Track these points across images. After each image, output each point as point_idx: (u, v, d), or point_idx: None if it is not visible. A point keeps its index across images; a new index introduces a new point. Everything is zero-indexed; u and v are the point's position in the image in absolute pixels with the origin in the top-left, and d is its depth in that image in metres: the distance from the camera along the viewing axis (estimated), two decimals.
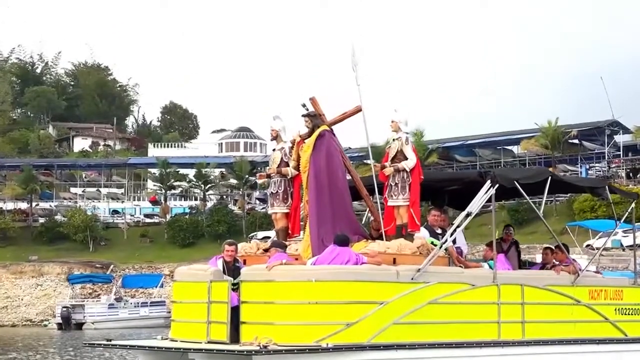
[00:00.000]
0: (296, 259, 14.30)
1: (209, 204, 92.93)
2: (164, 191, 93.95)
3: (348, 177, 15.30)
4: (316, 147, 14.87)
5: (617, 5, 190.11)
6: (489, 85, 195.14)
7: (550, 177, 15.66)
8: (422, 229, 15.25)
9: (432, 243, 14.60)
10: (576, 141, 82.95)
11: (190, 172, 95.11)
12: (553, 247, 16.96)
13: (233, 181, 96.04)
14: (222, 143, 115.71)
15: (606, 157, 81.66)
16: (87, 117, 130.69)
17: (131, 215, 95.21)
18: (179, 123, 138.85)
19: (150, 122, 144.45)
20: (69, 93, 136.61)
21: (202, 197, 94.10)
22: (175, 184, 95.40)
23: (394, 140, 15.15)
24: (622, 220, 18.67)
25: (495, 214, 15.94)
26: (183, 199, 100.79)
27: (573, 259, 16.60)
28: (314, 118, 15.15)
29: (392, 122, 15.06)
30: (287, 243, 15.06)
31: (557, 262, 16.31)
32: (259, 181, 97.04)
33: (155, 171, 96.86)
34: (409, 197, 14.78)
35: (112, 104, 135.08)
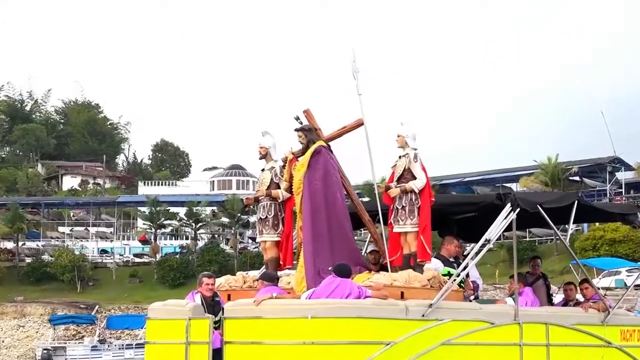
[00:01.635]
0: (289, 293, 12.59)
1: (200, 243, 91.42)
2: (154, 230, 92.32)
3: (347, 200, 13.54)
4: (311, 165, 13.17)
5: (619, 37, 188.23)
6: (486, 120, 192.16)
7: (576, 202, 13.91)
8: (434, 259, 13.59)
9: (448, 274, 13.00)
10: (577, 178, 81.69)
11: (181, 211, 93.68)
12: (575, 283, 15.48)
13: (225, 220, 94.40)
14: (213, 181, 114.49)
15: (608, 194, 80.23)
16: (77, 156, 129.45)
17: (120, 255, 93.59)
18: (170, 161, 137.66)
19: (141, 160, 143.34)
20: (59, 131, 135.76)
21: (193, 236, 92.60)
22: (166, 222, 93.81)
23: (400, 157, 13.41)
24: None
25: (515, 243, 14.17)
26: (173, 238, 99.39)
27: (604, 295, 14.86)
28: (309, 132, 13.44)
29: (398, 136, 13.38)
30: (278, 275, 13.28)
31: (584, 299, 14.62)
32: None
33: (145, 210, 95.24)
34: (418, 222, 13.06)
35: (102, 142, 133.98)
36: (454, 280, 12.56)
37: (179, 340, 12.06)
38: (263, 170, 14.24)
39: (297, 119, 13.59)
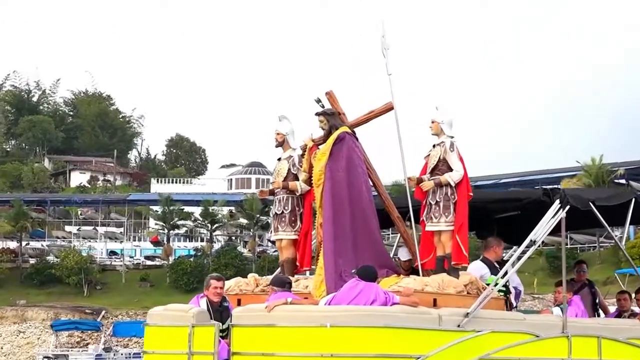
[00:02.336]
0: (306, 298, 11.93)
1: (216, 246, 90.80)
2: (166, 231, 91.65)
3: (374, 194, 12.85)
4: (333, 153, 12.45)
5: None
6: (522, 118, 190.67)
7: (634, 200, 13.11)
8: (479, 262, 12.96)
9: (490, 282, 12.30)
10: (623, 181, 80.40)
11: (196, 211, 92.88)
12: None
13: (243, 221, 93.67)
14: (231, 179, 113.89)
15: None
16: (86, 150, 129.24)
17: (130, 257, 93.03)
18: (186, 157, 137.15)
19: (155, 156, 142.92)
20: (68, 124, 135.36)
21: (208, 238, 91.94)
22: (180, 223, 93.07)
23: (434, 146, 12.65)
24: None
25: (564, 245, 13.36)
26: (188, 239, 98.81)
27: None
28: (331, 117, 12.72)
29: (433, 122, 12.65)
30: (293, 279, 12.57)
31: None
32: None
33: (157, 209, 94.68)
34: (453, 219, 12.35)
35: (113, 136, 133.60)
36: (495, 285, 11.78)
37: (180, 350, 11.48)
38: (279, 159, 13.59)
39: (319, 101, 12.88)
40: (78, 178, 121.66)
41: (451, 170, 12.38)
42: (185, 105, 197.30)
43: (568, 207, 12.30)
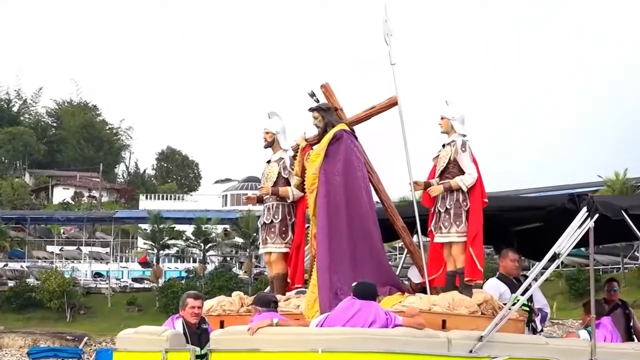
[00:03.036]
0: (297, 320, 11.14)
1: (210, 267, 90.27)
2: (156, 251, 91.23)
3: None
4: (329, 154, 11.76)
5: None
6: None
7: None
8: (494, 279, 12.32)
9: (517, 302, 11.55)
10: None
11: (188, 229, 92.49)
12: None
13: (238, 240, 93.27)
14: (226, 195, 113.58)
15: None
16: (70, 164, 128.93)
17: (117, 279, 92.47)
18: (177, 172, 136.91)
19: (144, 170, 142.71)
20: (50, 136, 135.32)
21: (201, 258, 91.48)
22: (170, 242, 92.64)
23: (444, 146, 11.91)
24: None
25: (592, 260, 12.48)
26: (179, 260, 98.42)
27: None
28: (327, 113, 12.02)
29: (442, 119, 11.95)
30: (282, 297, 11.82)
31: None
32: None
33: (146, 227, 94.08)
34: (466, 229, 11.62)
35: (100, 149, 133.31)
36: (513, 305, 11.04)
37: None
38: (269, 162, 12.87)
39: (312, 95, 12.16)
40: (61, 194, 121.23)
41: (463, 173, 11.65)
42: (177, 116, 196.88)
43: (597, 215, 11.56)
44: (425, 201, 12.04)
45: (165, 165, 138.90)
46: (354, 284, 10.52)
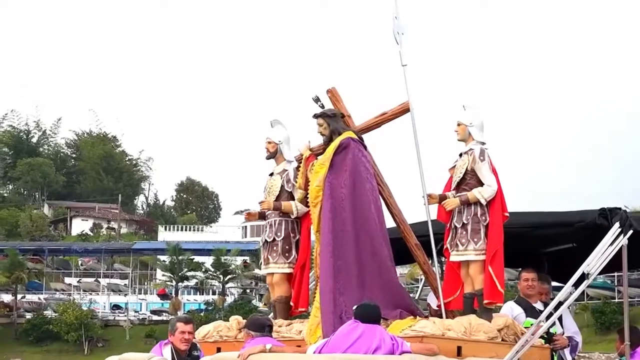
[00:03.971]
0: (298, 347, 10.12)
1: (229, 299, 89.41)
2: (175, 283, 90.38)
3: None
4: (334, 165, 10.78)
5: None
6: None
7: None
8: (511, 302, 11.27)
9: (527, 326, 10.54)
10: None
11: (207, 261, 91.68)
12: None
13: (258, 272, 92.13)
14: (246, 226, 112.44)
15: None
16: (89, 195, 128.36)
17: (135, 312, 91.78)
18: (197, 203, 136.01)
19: (164, 201, 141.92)
20: (69, 167, 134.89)
21: (220, 290, 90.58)
22: (189, 274, 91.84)
23: (461, 155, 10.89)
24: None
25: (625, 280, 11.36)
26: (198, 292, 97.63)
27: None
28: (333, 120, 11.05)
29: (459, 125, 10.94)
30: (282, 322, 10.82)
31: None
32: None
33: (165, 259, 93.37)
34: (485, 246, 10.57)
35: (119, 180, 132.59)
36: (536, 329, 9.99)
37: None
38: (272, 174, 11.88)
39: (317, 100, 11.20)
40: (80, 225, 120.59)
41: (481, 184, 10.62)
42: (197, 147, 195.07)
43: (631, 232, 10.50)
44: (440, 216, 11.04)
45: (184, 196, 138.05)
46: (354, 307, 9.49)
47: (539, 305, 11.15)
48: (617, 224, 10.45)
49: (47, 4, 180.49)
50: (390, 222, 11.26)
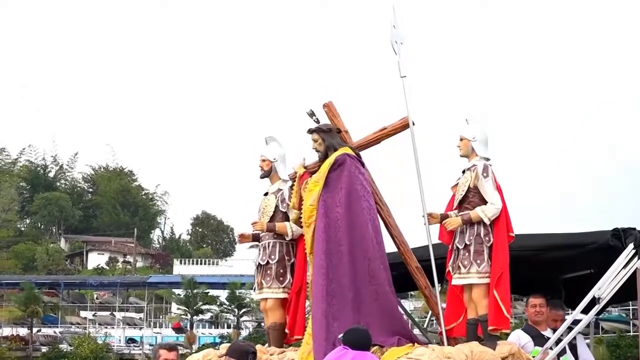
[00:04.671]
0: None
1: (244, 333, 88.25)
2: (190, 316, 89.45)
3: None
4: (329, 183, 10.03)
5: None
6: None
7: None
8: (518, 330, 10.49)
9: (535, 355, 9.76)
10: None
11: (222, 294, 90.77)
12: None
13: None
14: None
15: None
16: (106, 229, 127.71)
17: (150, 345, 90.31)
18: (212, 237, 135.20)
19: (179, 235, 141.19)
20: (86, 201, 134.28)
21: (235, 324, 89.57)
22: (204, 307, 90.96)
23: (464, 172, 10.13)
24: None
25: None
26: (213, 325, 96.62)
27: None
28: (328, 135, 10.32)
29: (461, 140, 10.19)
30: (275, 350, 10.05)
31: None
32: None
33: (180, 292, 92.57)
34: (489, 269, 9.77)
35: (135, 214, 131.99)
36: (543, 356, 9.18)
37: None
38: (266, 194, 11.14)
39: (312, 115, 10.48)
40: (96, 259, 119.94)
41: (485, 202, 9.85)
42: (212, 181, 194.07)
43: None
44: (442, 237, 10.29)
45: (200, 230, 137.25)
46: (340, 335, 8.65)
47: (548, 333, 10.32)
48: (631, 245, 9.67)
49: (61, 37, 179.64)
50: (390, 244, 10.51)
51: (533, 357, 9.79)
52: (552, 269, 11.45)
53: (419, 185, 10.07)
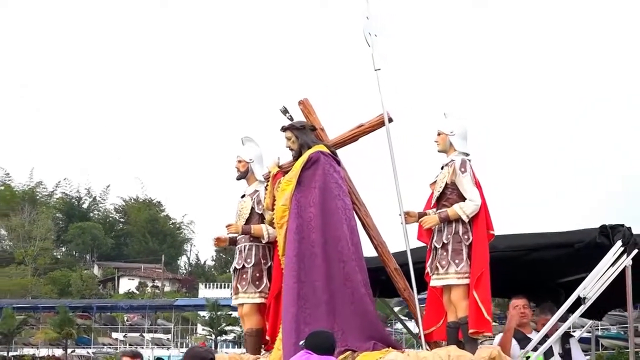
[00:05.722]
0: None
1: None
2: (214, 337, 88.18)
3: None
4: (302, 182, 8.93)
5: None
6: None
7: None
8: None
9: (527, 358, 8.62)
10: None
11: None
12: None
13: None
14: None
15: None
16: (136, 256, 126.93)
17: None
18: None
19: (205, 261, 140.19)
20: (117, 230, 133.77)
21: None
22: (227, 328, 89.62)
23: (442, 168, 8.97)
24: None
25: (630, 313, 9.24)
26: (236, 345, 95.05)
27: None
28: (302, 132, 9.23)
29: (439, 134, 8.97)
30: (249, 357, 8.89)
31: None
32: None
33: (205, 314, 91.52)
34: (468, 269, 8.57)
35: (163, 242, 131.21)
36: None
37: None
38: (243, 196, 10.00)
39: (285, 112, 9.36)
40: (127, 284, 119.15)
41: (463, 199, 8.69)
42: (235, 210, 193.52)
43: (636, 251, 8.50)
44: (421, 237, 9.10)
45: (224, 256, 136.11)
46: (301, 342, 7.49)
47: (534, 336, 9.11)
48: (619, 243, 8.45)
49: (61, 37, 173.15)
50: (369, 248, 9.37)
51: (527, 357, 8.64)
52: (551, 273, 10.23)
53: (395, 183, 8.92)
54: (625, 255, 8.43)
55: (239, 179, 9.97)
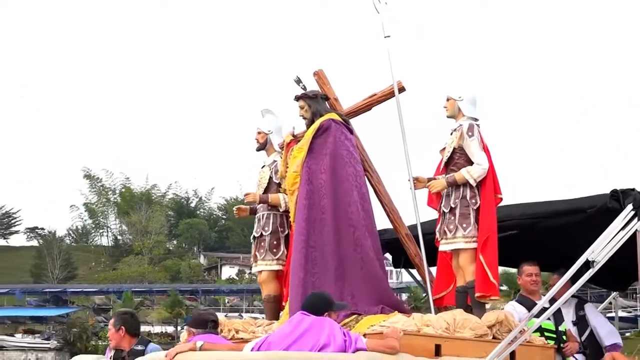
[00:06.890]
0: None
1: None
2: None
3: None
4: (314, 149, 7.72)
5: None
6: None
7: None
8: (513, 302, 7.92)
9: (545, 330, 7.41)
10: None
11: None
12: None
13: None
14: None
15: None
16: (236, 247, 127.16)
17: None
18: None
19: None
20: (220, 225, 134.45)
21: None
22: None
23: (451, 133, 7.70)
24: None
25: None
26: None
27: None
28: (314, 101, 8.02)
29: (448, 100, 7.71)
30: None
31: None
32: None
33: None
34: (475, 233, 7.30)
35: None
36: (527, 323, 6.67)
37: None
38: (263, 167, 8.85)
39: (299, 82, 8.19)
40: (228, 272, 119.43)
41: (471, 163, 7.42)
42: None
43: None
44: (431, 202, 7.86)
45: None
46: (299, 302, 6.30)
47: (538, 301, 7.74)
48: (630, 206, 7.07)
49: (60, 37, 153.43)
50: (382, 216, 8.14)
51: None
52: (557, 240, 8.80)
53: (404, 149, 7.69)
54: (636, 219, 7.03)
55: (258, 150, 8.82)
